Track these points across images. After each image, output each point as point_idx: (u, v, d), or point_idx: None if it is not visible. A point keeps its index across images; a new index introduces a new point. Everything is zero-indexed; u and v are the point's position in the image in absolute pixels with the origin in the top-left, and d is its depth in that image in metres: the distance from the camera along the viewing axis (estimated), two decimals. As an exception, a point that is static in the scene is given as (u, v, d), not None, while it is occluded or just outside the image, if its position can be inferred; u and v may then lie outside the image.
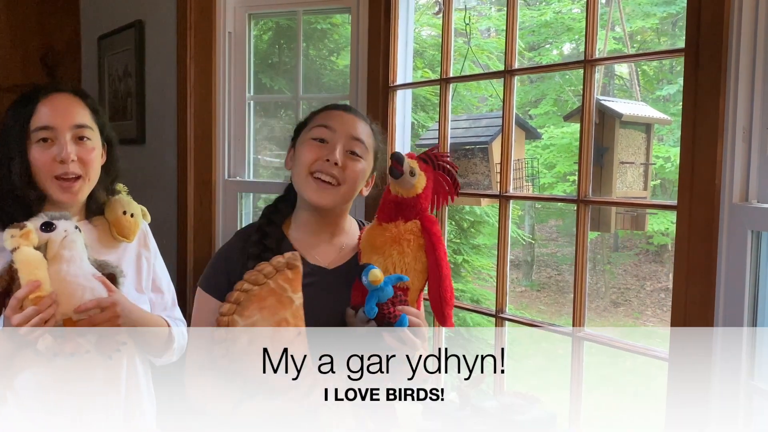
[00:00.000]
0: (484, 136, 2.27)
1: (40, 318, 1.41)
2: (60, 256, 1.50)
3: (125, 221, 1.72)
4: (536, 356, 8.39)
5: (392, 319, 1.43)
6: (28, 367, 1.56)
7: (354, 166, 1.53)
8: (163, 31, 2.90)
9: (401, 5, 2.35)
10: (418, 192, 1.49)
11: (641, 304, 10.14)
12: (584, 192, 1.88)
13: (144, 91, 3.08)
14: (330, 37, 5.67)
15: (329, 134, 1.53)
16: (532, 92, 10.26)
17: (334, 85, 5.71)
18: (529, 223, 11.37)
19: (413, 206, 1.49)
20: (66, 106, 1.62)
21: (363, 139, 1.55)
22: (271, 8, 2.78)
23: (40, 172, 1.59)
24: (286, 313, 1.39)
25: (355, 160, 1.53)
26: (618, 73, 10.40)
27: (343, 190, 1.53)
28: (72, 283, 1.48)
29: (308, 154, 1.53)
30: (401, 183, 1.47)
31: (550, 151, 9.09)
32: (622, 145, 2.00)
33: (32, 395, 1.57)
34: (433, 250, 1.49)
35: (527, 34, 10.09)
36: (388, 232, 1.49)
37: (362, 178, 1.56)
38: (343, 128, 1.54)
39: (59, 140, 1.58)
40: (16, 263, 1.45)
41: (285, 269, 1.41)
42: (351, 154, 1.53)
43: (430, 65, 5.63)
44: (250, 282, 1.40)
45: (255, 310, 1.38)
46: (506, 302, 2.12)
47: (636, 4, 9.45)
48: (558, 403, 2.14)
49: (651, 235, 9.76)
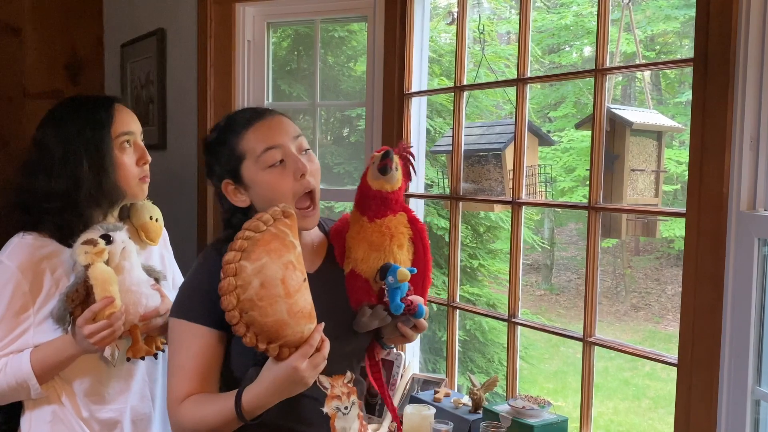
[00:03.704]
0: (498, 142, 2.30)
1: (110, 332, 1.54)
2: (121, 267, 1.61)
3: (152, 225, 1.81)
4: (553, 360, 8.37)
5: (413, 311, 1.51)
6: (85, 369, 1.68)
7: (313, 165, 1.52)
8: (184, 39, 2.96)
9: (417, 13, 2.38)
10: (400, 185, 1.55)
11: (662, 308, 10.06)
12: (595, 199, 1.90)
13: (165, 97, 3.14)
14: (348, 44, 5.72)
15: (281, 152, 1.48)
16: (551, 95, 10.23)
17: (352, 91, 5.75)
18: (549, 227, 11.33)
19: (397, 199, 1.55)
20: (130, 112, 1.74)
21: (300, 132, 1.54)
22: (290, 17, 2.83)
23: (129, 173, 1.68)
24: (291, 255, 1.35)
25: (309, 156, 1.53)
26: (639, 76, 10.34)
27: (316, 197, 1.53)
28: (136, 293, 1.61)
29: (279, 181, 1.47)
30: (390, 179, 1.52)
31: (569, 155, 9.06)
32: (632, 153, 2.02)
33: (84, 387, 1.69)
34: (420, 238, 1.58)
35: (547, 38, 10.07)
36: (384, 228, 1.53)
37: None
38: (284, 138, 1.49)
39: (137, 143, 1.69)
40: (91, 279, 1.55)
41: (281, 217, 1.38)
42: (305, 152, 1.52)
43: (447, 72, 5.65)
44: (251, 230, 1.35)
45: (262, 252, 1.33)
46: (519, 307, 2.15)
47: (656, 7, 9.40)
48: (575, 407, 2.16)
49: (672, 240, 9.69)
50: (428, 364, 5.20)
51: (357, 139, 6.24)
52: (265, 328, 1.32)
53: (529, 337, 6.99)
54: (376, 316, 1.51)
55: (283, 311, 1.32)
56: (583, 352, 1.95)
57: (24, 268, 1.61)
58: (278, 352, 1.35)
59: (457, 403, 2.10)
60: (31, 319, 1.63)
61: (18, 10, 3.56)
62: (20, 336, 1.62)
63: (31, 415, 1.68)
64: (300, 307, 1.35)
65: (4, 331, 1.61)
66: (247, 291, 1.31)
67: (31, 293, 1.62)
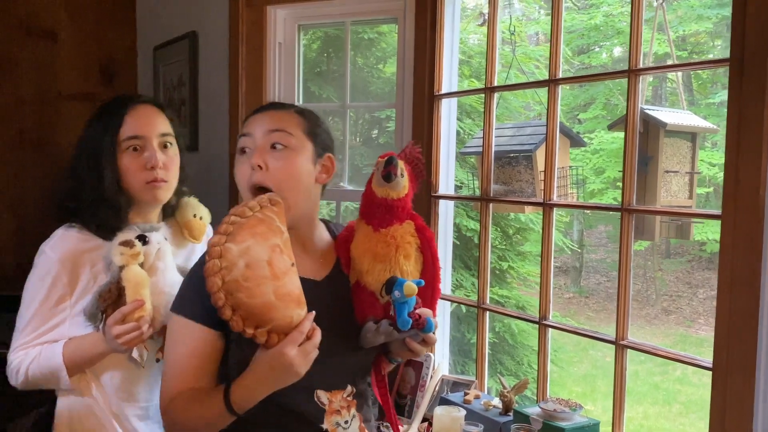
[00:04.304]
0: (529, 144, 2.29)
1: (137, 334, 1.56)
2: (155, 268, 1.63)
3: (195, 224, 1.83)
4: (582, 364, 8.29)
5: (421, 326, 1.39)
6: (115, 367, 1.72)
7: (278, 163, 1.43)
8: (216, 42, 2.99)
9: (447, 15, 2.38)
10: (407, 191, 1.47)
11: (693, 312, 9.92)
12: (628, 200, 1.89)
13: (197, 99, 3.18)
14: (377, 46, 5.73)
15: (249, 141, 1.45)
16: (581, 96, 10.14)
17: (381, 93, 5.76)
18: (578, 229, 11.24)
19: (403, 206, 1.47)
20: (151, 115, 1.73)
21: (283, 128, 1.44)
22: (320, 19, 2.85)
23: (133, 178, 1.70)
24: (277, 239, 1.31)
25: (278, 154, 1.43)
26: (670, 77, 10.21)
27: (285, 195, 1.42)
28: (168, 294, 1.62)
29: (238, 170, 1.47)
30: (395, 186, 1.45)
31: (599, 156, 8.97)
32: (666, 155, 2.00)
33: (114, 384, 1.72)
34: (429, 247, 1.49)
35: (576, 38, 9.99)
36: (390, 238, 1.45)
37: (298, 169, 1.45)
38: (259, 127, 1.45)
39: (148, 148, 1.69)
40: (124, 281, 1.58)
41: (268, 204, 1.35)
42: (272, 149, 1.43)
43: (476, 73, 5.63)
44: (237, 215, 1.33)
45: (247, 235, 1.29)
46: (550, 309, 2.13)
47: (689, 6, 9.28)
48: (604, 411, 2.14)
49: (704, 242, 9.56)
50: (457, 365, 5.19)
51: (386, 141, 6.25)
52: (252, 310, 1.27)
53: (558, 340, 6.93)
54: (382, 332, 1.42)
55: (269, 293, 1.27)
56: (616, 356, 1.93)
57: (65, 260, 1.65)
58: (267, 338, 1.30)
59: (487, 405, 2.09)
60: (68, 311, 1.67)
61: (55, 16, 3.64)
62: (56, 326, 1.66)
63: (65, 403, 1.72)
64: (288, 290, 1.30)
65: (40, 320, 1.65)
66: (233, 272, 1.27)
67: (70, 285, 1.66)
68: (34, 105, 3.62)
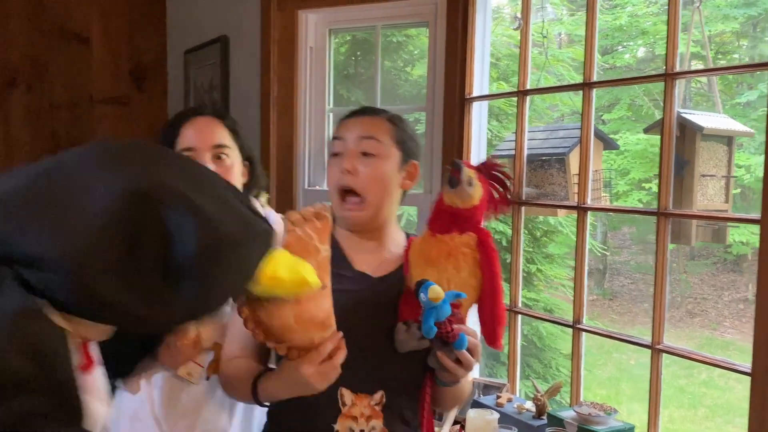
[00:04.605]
0: (561, 147, 2.28)
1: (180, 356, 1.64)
2: None
3: None
4: (606, 366, 8.24)
5: (451, 339, 1.32)
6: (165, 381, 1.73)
7: (367, 169, 1.47)
8: (247, 46, 3.02)
9: (478, 18, 2.38)
10: (475, 203, 1.41)
11: (719, 314, 9.82)
12: (664, 204, 1.88)
13: (228, 103, 3.21)
14: (405, 49, 5.73)
15: (341, 145, 1.50)
16: (605, 96, 10.07)
17: (409, 96, 5.75)
18: (602, 231, 11.16)
19: (469, 218, 1.41)
20: (205, 127, 1.76)
21: (374, 135, 1.49)
22: (351, 23, 2.86)
23: None
24: (311, 261, 1.26)
25: (368, 161, 1.47)
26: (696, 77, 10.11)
27: (369, 200, 1.47)
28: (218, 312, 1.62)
29: (329, 173, 1.52)
30: (458, 193, 1.39)
31: (624, 157, 8.90)
32: (703, 158, 1.99)
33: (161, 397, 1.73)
34: (489, 265, 1.41)
35: (601, 38, 9.92)
36: (443, 244, 1.40)
37: (386, 177, 1.48)
38: (351, 133, 1.50)
39: (200, 160, 1.71)
40: None
41: (313, 219, 1.33)
42: (363, 155, 1.48)
43: (503, 75, 5.62)
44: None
45: None
46: (583, 313, 2.13)
47: (714, 6, 9.18)
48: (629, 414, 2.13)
49: (730, 244, 9.45)
50: (486, 368, 5.19)
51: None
52: (270, 329, 1.26)
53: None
54: (411, 336, 1.37)
55: (289, 317, 1.24)
56: (651, 360, 1.92)
57: None
58: (287, 352, 1.30)
59: (520, 408, 2.09)
60: None
61: (87, 20, 3.69)
62: None
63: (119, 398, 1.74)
64: (311, 315, 1.26)
65: None
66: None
67: None
68: (66, 108, 3.68)
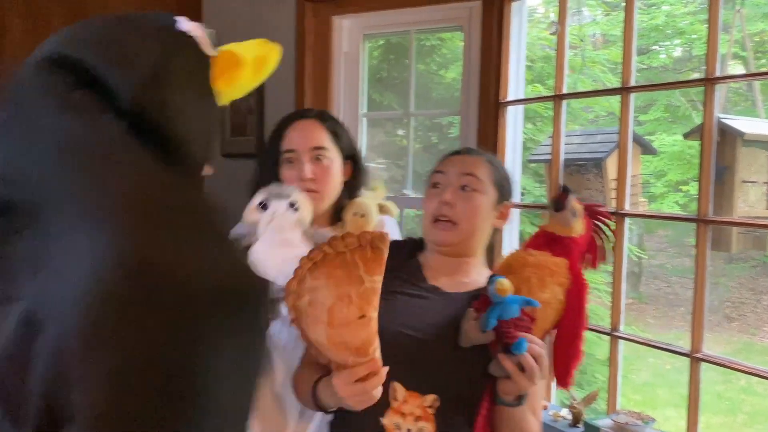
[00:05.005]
0: (599, 152, 2.26)
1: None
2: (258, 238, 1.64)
3: (354, 222, 1.86)
4: (641, 371, 8.12)
5: (509, 339, 1.27)
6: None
7: (465, 203, 1.52)
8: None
9: (514, 22, 2.37)
10: (574, 235, 1.42)
11: (758, 319, 9.62)
12: (704, 211, 1.85)
13: (263, 108, 3.22)
14: (438, 52, 5.71)
15: (442, 178, 1.55)
16: (641, 97, 9.91)
17: (441, 99, 5.73)
18: (638, 233, 11.02)
19: (564, 246, 1.41)
20: (306, 130, 1.83)
21: (474, 173, 1.54)
22: (385, 29, 2.87)
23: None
24: (351, 290, 1.27)
25: (466, 195, 1.52)
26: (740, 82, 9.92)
27: (462, 226, 1.51)
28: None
29: (427, 202, 1.57)
30: (560, 218, 1.41)
31: (660, 159, 8.77)
32: (743, 164, 1.95)
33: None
34: (578, 296, 1.39)
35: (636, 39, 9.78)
36: (531, 256, 1.40)
37: (481, 211, 1.53)
38: (453, 168, 1.56)
39: (300, 161, 1.79)
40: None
41: (368, 246, 1.30)
42: (462, 189, 1.53)
43: (538, 78, 5.57)
44: (332, 246, 1.31)
45: (322, 275, 1.29)
46: (621, 321, 2.11)
47: (753, 5, 9.00)
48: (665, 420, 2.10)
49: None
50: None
51: (447, 147, 6.25)
52: (308, 340, 1.32)
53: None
54: (476, 325, 1.33)
55: (323, 336, 1.28)
56: (691, 369, 1.90)
57: None
58: (327, 362, 1.32)
59: (556, 416, 2.08)
60: None
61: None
62: None
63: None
64: (344, 340, 1.26)
65: None
66: (300, 300, 1.32)
67: None
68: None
